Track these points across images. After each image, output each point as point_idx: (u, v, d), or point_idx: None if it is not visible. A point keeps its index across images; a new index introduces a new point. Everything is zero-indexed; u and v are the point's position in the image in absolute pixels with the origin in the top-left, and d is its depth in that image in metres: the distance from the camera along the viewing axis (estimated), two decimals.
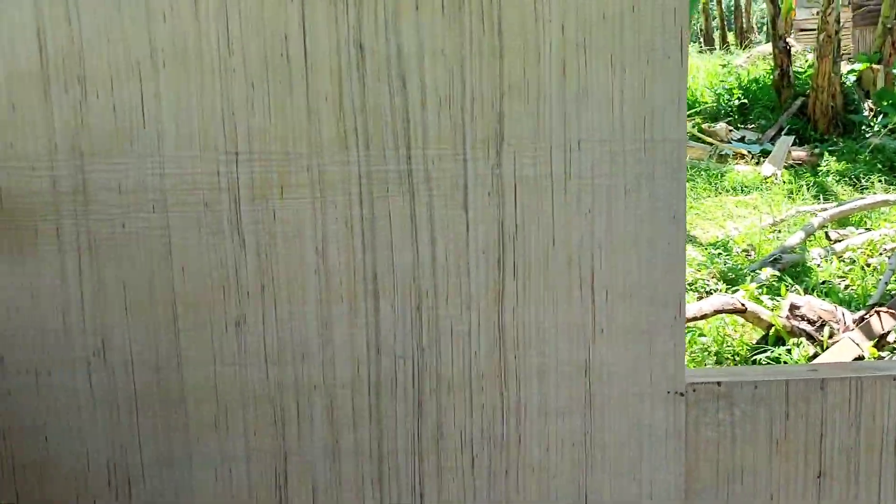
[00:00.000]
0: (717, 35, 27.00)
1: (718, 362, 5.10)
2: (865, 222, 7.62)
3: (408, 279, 1.74)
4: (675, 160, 1.72)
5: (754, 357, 5.02)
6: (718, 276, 6.35)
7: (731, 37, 26.94)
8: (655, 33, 1.68)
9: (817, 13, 13.83)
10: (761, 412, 1.86)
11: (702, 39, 26.05)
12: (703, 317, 5.14)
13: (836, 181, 9.61)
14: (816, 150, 10.86)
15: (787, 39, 12.93)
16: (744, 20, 26.75)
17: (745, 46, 22.38)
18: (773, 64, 13.04)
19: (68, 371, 1.73)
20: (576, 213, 1.73)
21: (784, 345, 5.02)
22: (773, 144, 11.16)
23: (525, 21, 1.67)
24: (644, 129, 1.71)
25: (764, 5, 13.38)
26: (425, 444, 1.80)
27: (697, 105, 12.73)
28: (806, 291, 5.95)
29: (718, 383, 1.86)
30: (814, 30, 13.22)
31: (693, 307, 5.12)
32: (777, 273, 6.24)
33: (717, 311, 5.15)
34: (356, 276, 1.73)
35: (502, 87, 1.68)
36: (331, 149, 1.69)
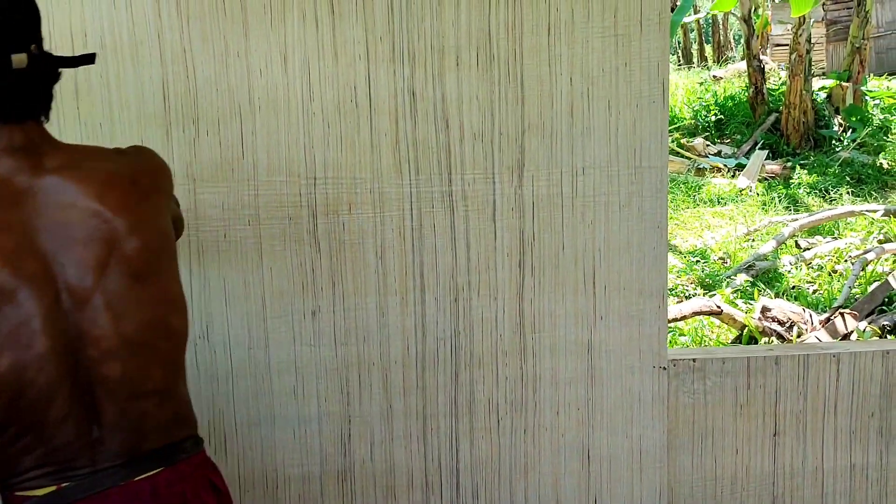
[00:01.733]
0: (695, 50, 27.52)
1: None
2: (833, 232, 8.09)
3: (447, 276, 2.19)
4: (659, 182, 2.19)
5: None
6: (697, 281, 6.81)
7: (708, 49, 27.48)
8: (643, 83, 2.15)
9: (790, 29, 14.38)
10: (728, 382, 2.32)
11: (680, 54, 26.55)
12: (683, 318, 5.59)
13: (807, 193, 10.09)
14: (789, 164, 11.31)
15: (762, 58, 13.44)
16: (721, 35, 27.30)
17: (723, 62, 22.90)
18: (748, 81, 13.54)
19: None
20: (581, 223, 2.19)
21: (756, 344, 5.49)
22: (747, 158, 11.59)
23: (541, 74, 2.13)
24: (634, 158, 2.17)
25: (740, 23, 13.86)
26: (461, 409, 2.25)
27: (676, 121, 13.20)
28: (777, 295, 6.40)
29: (694, 359, 2.31)
30: (788, 45, 13.72)
31: (673, 309, 5.58)
32: (751, 279, 6.71)
33: (695, 313, 5.60)
34: (407, 275, 2.18)
35: (523, 125, 2.14)
36: (388, 174, 2.14)
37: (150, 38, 2.04)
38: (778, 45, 20.81)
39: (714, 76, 16.77)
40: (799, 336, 5.47)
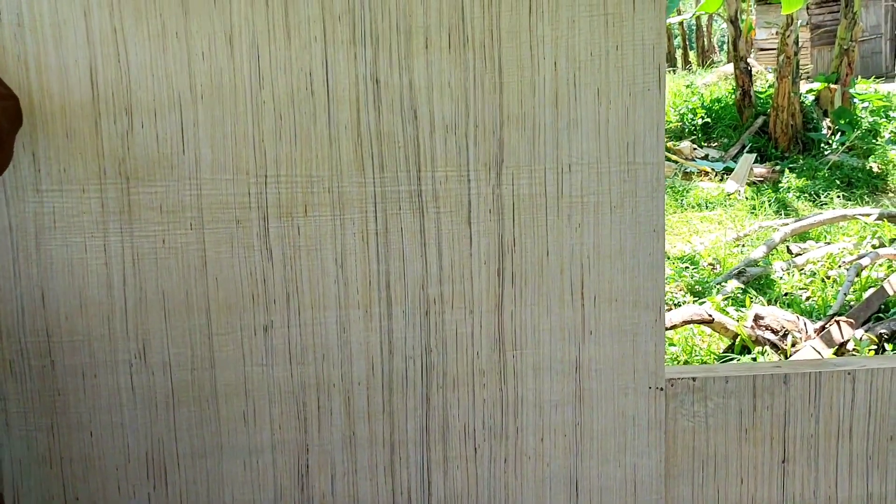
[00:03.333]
0: (679, 55, 27.47)
1: None
2: (825, 236, 7.90)
3: (417, 287, 1.95)
4: (655, 180, 1.95)
5: None
6: (686, 288, 6.59)
7: (692, 55, 27.45)
8: (636, 69, 1.91)
9: (776, 33, 14.24)
10: (731, 404, 2.08)
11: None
12: (673, 327, 5.37)
13: (797, 197, 9.93)
14: (777, 168, 11.17)
15: (748, 60, 13.30)
16: (705, 40, 27.28)
17: (707, 66, 22.82)
18: (734, 84, 13.39)
19: (112, 372, 1.91)
20: (567, 227, 1.95)
21: (749, 353, 5.26)
22: (735, 162, 11.46)
23: (522, 58, 1.89)
24: (627, 153, 1.93)
25: (724, 24, 13.72)
26: (433, 436, 2.00)
27: None
28: (769, 302, 6.20)
29: (693, 378, 2.08)
30: (773, 49, 13.58)
31: None
32: (742, 285, 6.50)
33: (685, 322, 5.38)
34: (371, 285, 1.94)
35: (502, 117, 1.90)
36: (349, 172, 1.89)
37: (75, 17, 1.79)
38: (762, 49, 20.79)
39: (704, 84, 16.62)
40: (794, 345, 5.26)
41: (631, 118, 1.92)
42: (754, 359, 5.17)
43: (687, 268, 7.08)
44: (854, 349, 5.28)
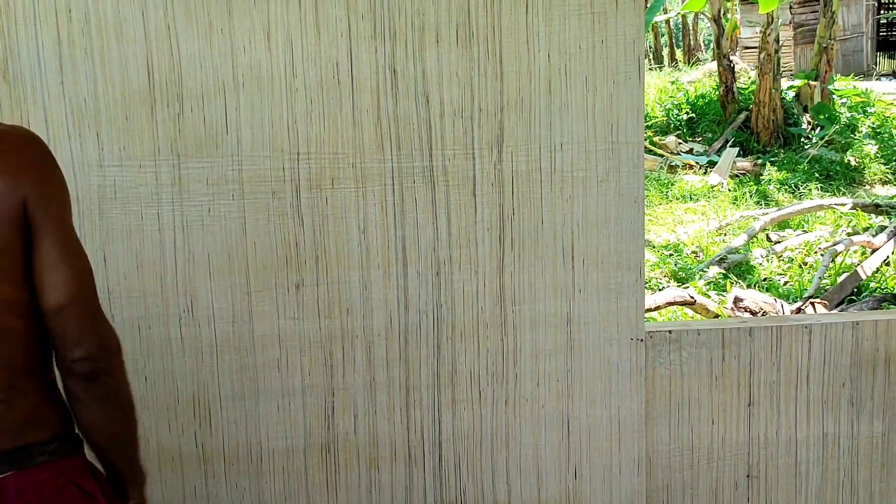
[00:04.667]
0: (665, 52, 27.78)
1: None
2: (803, 225, 8.21)
3: (429, 250, 2.23)
4: (635, 157, 2.24)
5: None
6: (670, 275, 6.89)
7: (679, 53, 27.75)
8: (619, 60, 2.20)
9: (759, 31, 14.56)
10: (703, 353, 2.37)
11: (651, 57, 26.79)
12: (657, 308, 5.66)
13: (777, 189, 10.23)
14: (759, 161, 11.47)
15: (732, 58, 13.61)
16: (691, 38, 27.58)
17: (693, 63, 23.12)
18: (718, 81, 13.70)
19: (164, 325, 2.19)
20: (559, 198, 2.24)
21: None
22: (719, 156, 11.75)
23: (520, 51, 2.17)
24: (611, 133, 2.22)
25: (710, 23, 14.03)
26: (443, 380, 2.29)
27: (649, 119, 13.34)
28: (749, 287, 6.50)
29: (670, 331, 2.37)
30: (757, 47, 13.90)
31: (648, 300, 5.65)
32: (723, 271, 6.80)
33: (669, 303, 5.68)
34: (389, 248, 2.22)
35: (502, 102, 2.19)
36: (370, 150, 2.18)
37: (134, 16, 2.07)
38: (747, 47, 21.06)
39: (690, 81, 16.91)
40: None
41: (614, 103, 2.21)
42: None
43: (671, 255, 7.37)
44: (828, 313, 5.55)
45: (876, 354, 2.41)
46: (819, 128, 12.16)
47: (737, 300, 5.82)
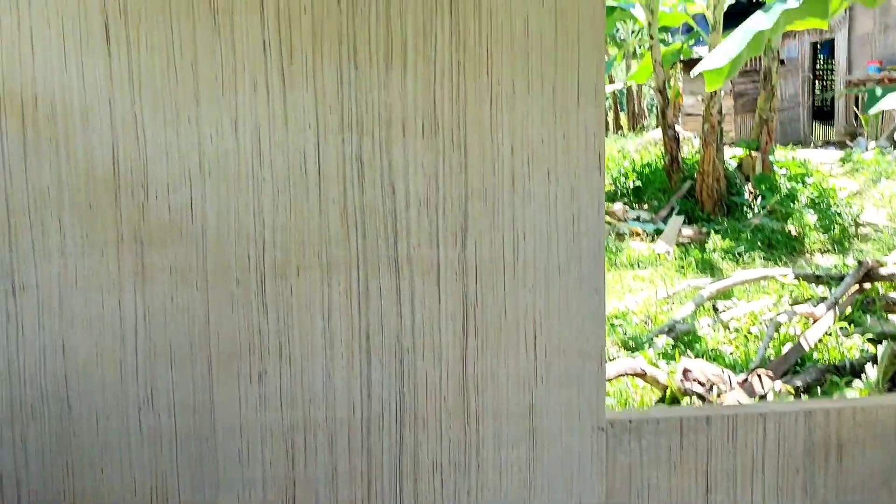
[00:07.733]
0: (611, 118, 28.40)
1: None
2: (747, 295, 8.38)
3: (393, 339, 2.24)
4: (596, 247, 2.28)
5: None
6: (620, 343, 6.96)
7: (623, 117, 28.40)
8: (580, 153, 2.25)
9: (701, 100, 14.98)
10: (662, 442, 2.39)
11: None
12: (609, 380, 5.70)
13: (722, 257, 10.44)
14: (704, 230, 11.70)
15: (676, 128, 13.97)
16: (636, 104, 28.26)
17: (638, 130, 23.65)
18: (664, 150, 14.03)
19: (123, 415, 2.15)
20: (522, 287, 2.26)
21: (678, 404, 5.62)
22: (665, 224, 11.98)
23: (483, 143, 2.22)
24: (572, 224, 2.26)
25: (655, 94, 14.39)
26: (405, 470, 2.27)
27: None
28: (697, 356, 6.59)
29: (630, 420, 2.39)
30: (699, 115, 14.26)
31: None
32: (671, 340, 6.89)
33: (619, 374, 5.73)
34: (353, 337, 2.22)
35: (467, 192, 2.22)
36: (336, 239, 2.19)
37: (101, 103, 2.07)
38: (689, 114, 21.62)
39: (636, 149, 17.27)
40: (719, 396, 5.62)
41: (576, 195, 2.26)
42: None
43: (620, 324, 7.45)
44: (780, 402, 5.66)
45: (828, 441, 2.46)
46: (761, 197, 12.47)
47: (686, 371, 5.88)
